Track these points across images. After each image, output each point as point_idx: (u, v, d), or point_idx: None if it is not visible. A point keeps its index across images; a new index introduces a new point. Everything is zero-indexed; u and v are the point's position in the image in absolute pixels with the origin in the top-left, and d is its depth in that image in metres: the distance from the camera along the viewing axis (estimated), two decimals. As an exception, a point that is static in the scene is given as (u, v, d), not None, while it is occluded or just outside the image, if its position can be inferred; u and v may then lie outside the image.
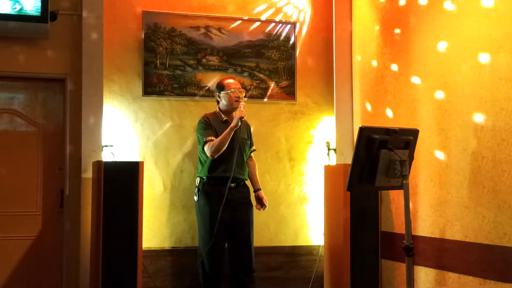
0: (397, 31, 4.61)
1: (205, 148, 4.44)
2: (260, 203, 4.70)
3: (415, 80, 4.39)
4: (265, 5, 5.22)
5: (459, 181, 3.88)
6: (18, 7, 4.38)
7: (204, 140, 4.46)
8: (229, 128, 4.38)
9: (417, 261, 4.14)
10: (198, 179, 4.59)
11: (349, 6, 5.21)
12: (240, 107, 4.44)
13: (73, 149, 4.65)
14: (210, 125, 4.52)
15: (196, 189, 4.57)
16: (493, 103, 3.62)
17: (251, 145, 4.75)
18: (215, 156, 4.40)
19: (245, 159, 4.63)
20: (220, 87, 4.59)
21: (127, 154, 4.80)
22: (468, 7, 3.85)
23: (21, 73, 4.63)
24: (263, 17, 5.21)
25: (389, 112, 4.69)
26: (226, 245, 4.57)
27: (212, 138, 4.44)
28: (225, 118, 4.57)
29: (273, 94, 5.22)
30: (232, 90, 4.52)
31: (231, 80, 4.63)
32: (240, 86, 4.63)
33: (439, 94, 4.10)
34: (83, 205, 4.56)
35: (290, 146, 5.24)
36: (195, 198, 4.58)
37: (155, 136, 4.93)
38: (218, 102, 4.63)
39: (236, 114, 4.41)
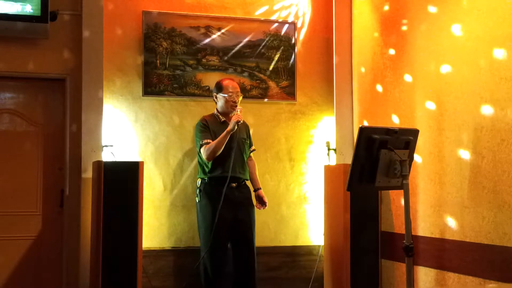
0: (398, 31, 4.60)
1: (202, 150, 4.44)
2: (261, 202, 4.70)
3: (415, 80, 4.39)
4: (265, 5, 5.22)
5: (459, 181, 3.88)
6: (18, 7, 4.38)
7: (201, 143, 4.46)
8: (225, 131, 4.37)
9: (417, 261, 4.14)
10: (199, 180, 4.59)
11: (349, 6, 5.21)
12: (237, 111, 4.44)
13: (73, 149, 4.65)
14: (207, 128, 4.52)
15: (198, 190, 4.57)
16: (493, 103, 3.62)
17: (250, 145, 4.75)
18: (211, 159, 4.40)
19: (245, 158, 4.63)
20: (218, 88, 4.59)
21: (127, 154, 4.80)
22: (468, 7, 3.85)
23: (21, 73, 4.63)
24: (263, 17, 5.21)
25: (389, 112, 4.69)
26: (228, 245, 4.57)
27: (209, 141, 4.44)
28: (223, 119, 4.57)
29: (273, 94, 5.22)
30: (229, 94, 4.52)
31: (229, 82, 4.60)
32: (239, 89, 4.60)
33: (439, 94, 4.10)
34: (83, 205, 4.56)
35: (290, 146, 5.24)
36: (197, 199, 4.58)
37: (155, 136, 4.93)
38: (216, 102, 4.64)
39: (232, 118, 4.40)
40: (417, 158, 4.20)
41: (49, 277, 4.68)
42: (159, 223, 4.89)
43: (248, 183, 4.69)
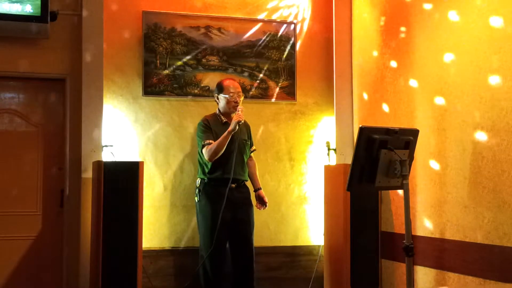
0: (397, 31, 4.60)
1: (203, 151, 4.44)
2: (261, 202, 4.70)
3: (415, 80, 4.39)
4: (265, 5, 5.22)
5: (459, 181, 3.88)
6: (18, 7, 4.38)
7: (203, 143, 4.46)
8: (226, 132, 4.37)
9: (417, 261, 4.14)
10: (198, 180, 4.59)
11: (349, 6, 5.21)
12: (238, 111, 4.43)
13: (73, 149, 4.65)
14: (209, 128, 4.51)
15: (197, 190, 4.58)
16: (493, 103, 3.62)
17: (251, 145, 4.75)
18: (213, 160, 4.40)
19: (245, 160, 4.63)
20: (219, 88, 4.59)
21: (127, 154, 4.79)
22: (468, 8, 3.85)
23: (21, 73, 4.63)
24: (263, 17, 5.21)
25: (389, 112, 4.69)
26: (227, 245, 4.57)
27: (211, 141, 4.44)
28: (225, 120, 4.57)
29: (273, 94, 5.22)
30: (231, 94, 4.51)
31: (230, 83, 4.60)
32: (240, 90, 4.60)
33: (439, 94, 4.10)
34: (83, 205, 4.56)
35: (290, 146, 5.24)
36: (196, 199, 4.58)
37: (155, 136, 4.93)
38: (217, 103, 4.63)
39: (234, 118, 4.40)
40: (417, 157, 4.20)
41: (49, 277, 4.68)
42: (159, 223, 4.89)
43: (248, 183, 4.69)
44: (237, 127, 4.38)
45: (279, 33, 5.23)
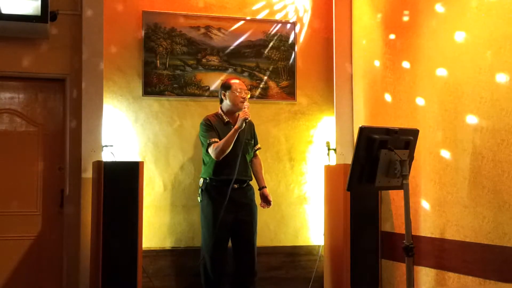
0: (398, 31, 4.61)
1: (210, 150, 4.43)
2: (265, 200, 4.69)
3: (415, 80, 4.39)
4: (265, 5, 5.22)
5: (459, 181, 3.88)
6: (18, 7, 4.37)
7: (208, 142, 4.45)
8: (233, 129, 4.37)
9: (417, 261, 4.13)
10: (201, 180, 4.59)
11: (349, 6, 5.21)
12: (245, 108, 4.44)
13: (73, 149, 4.65)
14: (212, 127, 4.51)
15: (200, 190, 4.58)
16: (493, 103, 3.62)
17: (255, 144, 4.73)
18: (220, 158, 4.39)
19: (248, 160, 4.62)
20: (226, 86, 4.59)
21: (127, 154, 4.80)
22: (467, 7, 3.85)
23: (21, 73, 4.63)
24: (263, 17, 5.21)
25: (389, 112, 4.69)
26: (229, 245, 4.57)
27: (216, 139, 4.43)
28: (227, 120, 4.56)
29: (273, 94, 5.22)
30: (239, 90, 4.52)
31: (237, 81, 4.62)
32: (246, 88, 4.63)
33: (439, 94, 4.10)
34: (83, 205, 4.56)
35: (290, 146, 5.24)
36: (199, 198, 4.58)
37: (155, 136, 4.93)
38: (221, 101, 4.63)
39: (240, 116, 4.40)
40: (417, 158, 4.20)
41: (49, 277, 4.68)
42: (159, 223, 4.88)
43: (252, 182, 4.68)
44: (244, 125, 4.38)
45: (279, 33, 5.23)
